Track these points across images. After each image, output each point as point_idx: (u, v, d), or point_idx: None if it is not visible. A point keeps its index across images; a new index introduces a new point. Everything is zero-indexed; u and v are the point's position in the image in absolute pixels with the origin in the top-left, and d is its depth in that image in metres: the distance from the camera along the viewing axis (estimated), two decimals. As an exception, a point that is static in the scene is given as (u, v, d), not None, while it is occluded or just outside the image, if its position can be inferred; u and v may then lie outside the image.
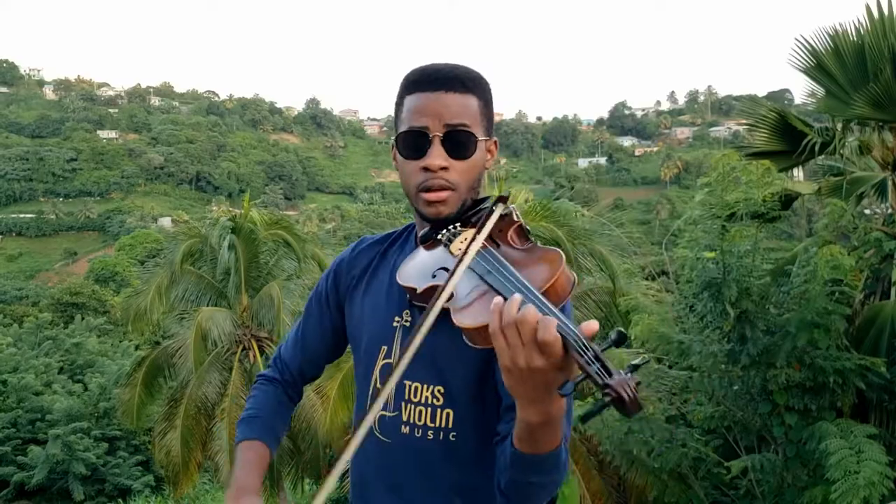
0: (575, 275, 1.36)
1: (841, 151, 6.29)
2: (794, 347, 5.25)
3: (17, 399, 25.06)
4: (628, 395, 1.09)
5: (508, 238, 1.45)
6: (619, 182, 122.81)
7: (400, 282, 1.53)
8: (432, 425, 1.52)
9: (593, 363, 1.13)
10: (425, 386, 1.53)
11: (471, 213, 1.55)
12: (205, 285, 14.27)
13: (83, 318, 36.42)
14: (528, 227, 1.48)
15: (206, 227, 15.24)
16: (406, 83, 1.54)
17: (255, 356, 13.76)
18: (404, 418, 1.54)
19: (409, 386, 1.54)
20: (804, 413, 5.40)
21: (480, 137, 1.52)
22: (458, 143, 1.49)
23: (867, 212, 6.78)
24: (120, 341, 33.07)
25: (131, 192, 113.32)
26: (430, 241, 1.56)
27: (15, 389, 25.11)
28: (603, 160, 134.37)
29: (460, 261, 1.37)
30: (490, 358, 1.45)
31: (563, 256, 1.37)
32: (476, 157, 1.52)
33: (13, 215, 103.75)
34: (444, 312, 1.35)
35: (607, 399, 1.10)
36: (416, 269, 1.52)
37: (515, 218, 1.49)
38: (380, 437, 1.56)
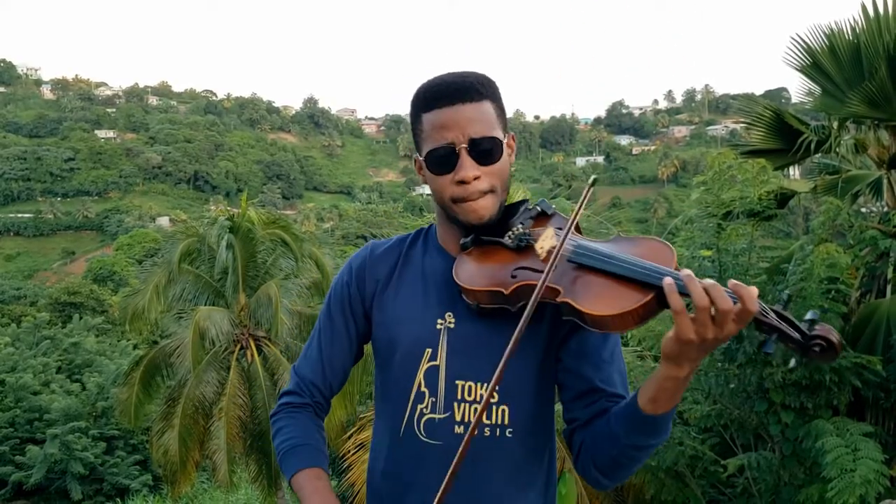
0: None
1: (837, 150, 6.30)
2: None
3: (15, 398, 25.05)
4: (837, 339, 1.25)
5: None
6: (616, 181, 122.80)
7: (469, 287, 1.53)
8: (488, 423, 1.55)
9: (781, 322, 1.27)
10: (479, 384, 1.55)
11: (512, 215, 1.61)
12: (202, 284, 14.27)
13: (81, 318, 36.38)
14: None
15: (203, 226, 15.24)
16: (420, 102, 1.57)
17: (252, 355, 13.77)
18: (457, 419, 1.55)
19: (462, 385, 1.56)
20: (801, 411, 5.41)
21: (502, 139, 1.57)
22: (485, 150, 1.53)
23: (863, 210, 6.79)
24: (118, 341, 33.05)
25: (129, 191, 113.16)
26: (483, 248, 1.59)
27: (13, 389, 25.10)
28: (600, 159, 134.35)
29: (559, 250, 1.43)
30: (548, 350, 1.57)
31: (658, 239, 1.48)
32: (503, 159, 1.57)
33: (11, 215, 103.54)
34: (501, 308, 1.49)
35: (816, 349, 1.25)
36: (486, 272, 1.54)
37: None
38: (426, 440, 1.56)
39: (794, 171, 7.49)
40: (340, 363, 1.72)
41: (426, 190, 1.73)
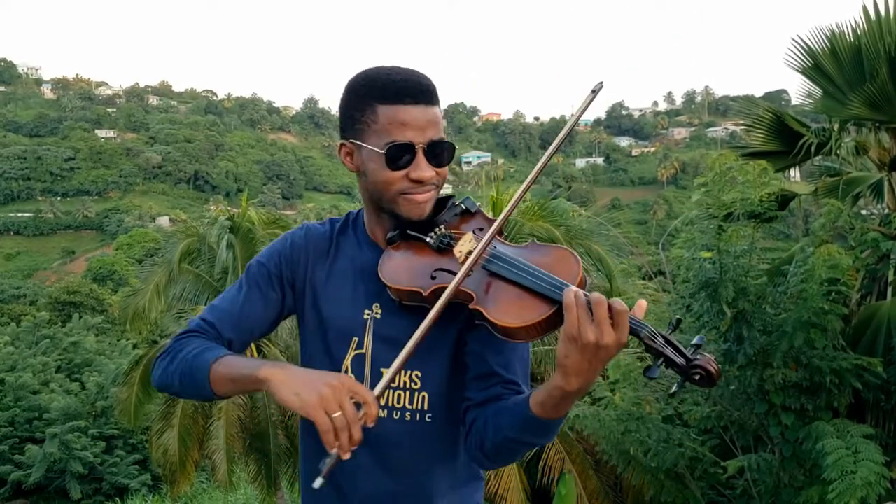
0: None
1: (837, 152, 6.30)
2: (791, 347, 5.25)
3: (15, 398, 25.04)
4: (715, 370, 1.33)
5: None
6: (616, 182, 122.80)
7: (392, 284, 1.61)
8: (410, 408, 1.66)
9: (666, 347, 1.35)
10: (403, 371, 1.65)
11: (439, 211, 1.69)
12: (203, 284, 14.26)
13: (81, 317, 36.36)
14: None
15: (204, 226, 15.25)
16: (376, 92, 1.59)
17: (252, 355, 13.75)
18: (382, 402, 1.63)
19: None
20: (801, 413, 5.40)
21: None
22: (440, 153, 1.61)
23: (863, 212, 6.79)
24: (118, 340, 33.05)
25: (129, 191, 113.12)
26: (408, 243, 1.66)
27: (12, 388, 25.09)
28: (600, 160, 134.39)
29: (476, 259, 1.50)
30: (460, 342, 1.66)
31: (567, 249, 1.56)
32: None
33: (11, 214, 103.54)
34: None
35: (696, 377, 1.33)
36: (407, 271, 1.62)
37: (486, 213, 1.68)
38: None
39: (795, 174, 7.48)
40: (250, 325, 1.71)
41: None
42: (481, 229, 1.64)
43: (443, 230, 1.65)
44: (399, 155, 1.57)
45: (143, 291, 14.11)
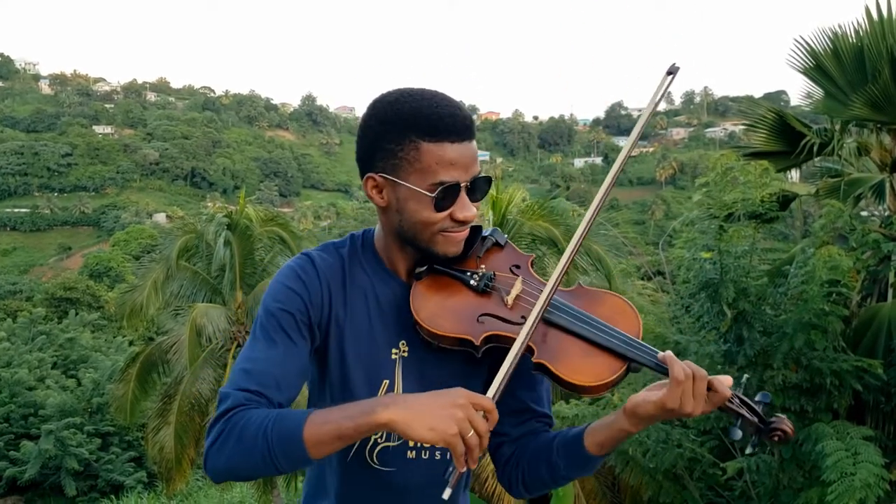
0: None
1: (839, 153, 6.28)
2: (791, 348, 5.23)
3: (10, 394, 25.03)
4: (790, 429, 1.40)
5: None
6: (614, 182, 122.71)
7: (435, 330, 1.49)
8: (440, 447, 1.58)
9: (742, 407, 1.41)
10: None
11: (473, 245, 1.61)
12: (200, 281, 14.25)
13: (77, 314, 36.40)
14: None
15: (201, 223, 15.22)
16: (417, 126, 1.47)
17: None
18: (411, 444, 1.59)
19: None
20: (801, 414, 5.38)
21: None
22: (479, 189, 1.54)
23: (864, 213, 6.78)
24: (114, 337, 33.07)
25: (126, 187, 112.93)
26: (440, 279, 1.56)
27: (8, 384, 25.08)
28: (599, 160, 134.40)
29: (541, 311, 1.44)
30: (484, 379, 1.58)
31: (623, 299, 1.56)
32: None
33: (7, 210, 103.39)
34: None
35: (775, 438, 1.40)
36: (450, 314, 1.51)
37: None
38: (378, 467, 1.58)
39: (794, 175, 7.47)
40: (293, 381, 1.49)
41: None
42: (518, 266, 1.57)
43: (483, 269, 1.56)
44: (445, 195, 1.48)
45: (141, 288, 14.09)
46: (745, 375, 1.47)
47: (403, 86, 1.56)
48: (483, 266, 1.57)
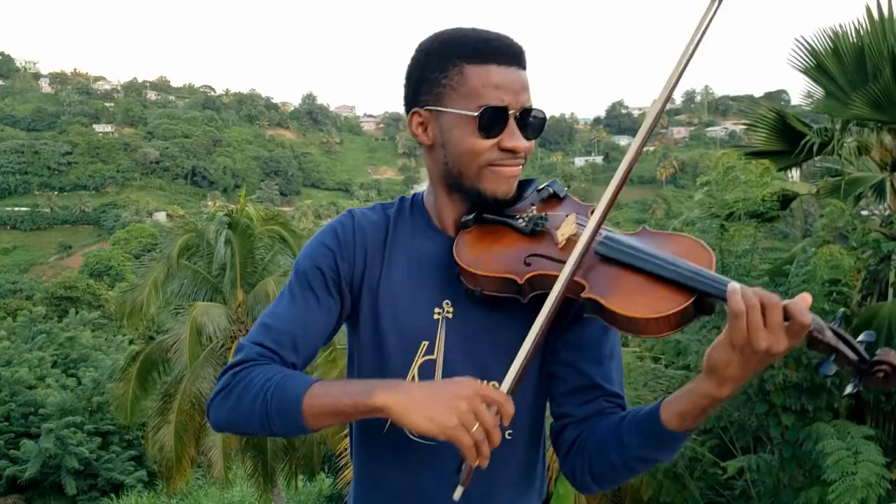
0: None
1: (839, 152, 6.29)
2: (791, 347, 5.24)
3: (11, 393, 25.02)
4: None
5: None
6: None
7: (475, 270, 1.36)
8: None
9: (838, 341, 1.15)
10: (482, 382, 1.35)
11: (520, 195, 1.46)
12: (200, 280, 14.24)
13: (77, 312, 36.39)
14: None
15: (202, 222, 15.22)
16: (462, 49, 1.38)
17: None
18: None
19: None
20: (801, 414, 5.39)
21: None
22: (531, 124, 1.41)
23: (865, 213, 6.78)
24: (114, 336, 33.06)
25: (126, 186, 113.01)
26: (488, 227, 1.42)
27: (8, 383, 25.07)
28: (599, 159, 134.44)
29: (591, 239, 1.28)
30: (549, 349, 1.43)
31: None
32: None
33: (8, 208, 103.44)
34: (513, 301, 1.34)
35: (880, 375, 1.13)
36: (495, 256, 1.37)
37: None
38: (416, 439, 1.40)
39: (795, 174, 7.47)
40: (312, 342, 1.44)
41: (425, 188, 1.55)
42: (580, 215, 1.39)
43: (534, 211, 1.42)
44: (493, 120, 1.36)
45: (141, 287, 14.09)
46: (842, 309, 1.23)
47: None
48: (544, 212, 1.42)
